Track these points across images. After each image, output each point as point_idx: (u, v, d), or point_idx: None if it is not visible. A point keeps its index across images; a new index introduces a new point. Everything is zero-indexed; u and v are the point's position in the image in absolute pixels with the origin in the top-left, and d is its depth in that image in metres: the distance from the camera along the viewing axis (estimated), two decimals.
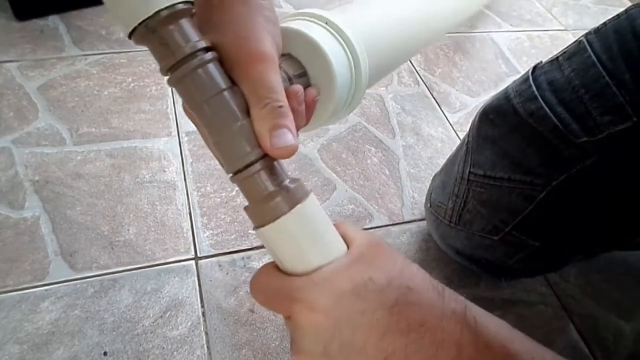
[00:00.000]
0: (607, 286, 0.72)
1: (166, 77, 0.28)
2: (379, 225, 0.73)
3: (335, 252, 0.28)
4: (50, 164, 0.72)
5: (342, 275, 0.27)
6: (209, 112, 0.27)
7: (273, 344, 0.60)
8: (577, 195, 0.50)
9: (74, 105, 0.80)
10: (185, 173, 0.75)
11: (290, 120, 0.28)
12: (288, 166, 0.78)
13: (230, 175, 0.29)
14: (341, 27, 0.36)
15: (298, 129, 0.31)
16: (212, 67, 0.27)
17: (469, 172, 0.59)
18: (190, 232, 0.68)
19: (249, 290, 0.64)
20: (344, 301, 0.27)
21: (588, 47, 0.49)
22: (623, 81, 0.46)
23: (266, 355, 0.59)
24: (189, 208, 0.71)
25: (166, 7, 0.25)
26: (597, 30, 0.50)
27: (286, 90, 0.30)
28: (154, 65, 0.88)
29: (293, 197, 0.28)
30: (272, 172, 0.29)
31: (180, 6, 0.26)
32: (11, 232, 0.64)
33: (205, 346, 0.58)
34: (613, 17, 0.49)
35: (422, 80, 0.99)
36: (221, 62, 0.28)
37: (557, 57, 0.52)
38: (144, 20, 0.25)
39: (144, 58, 0.89)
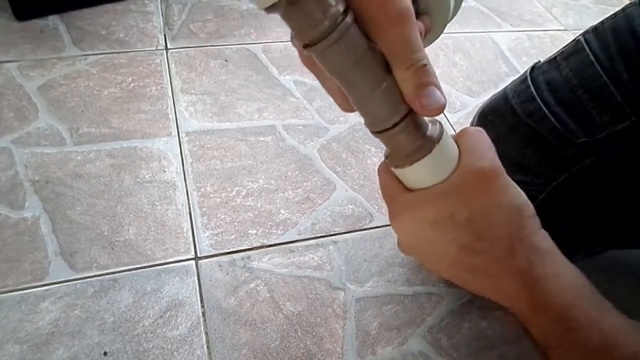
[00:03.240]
0: (607, 286, 0.71)
1: (302, 45, 0.27)
2: (379, 225, 0.73)
3: (441, 175, 0.30)
4: (50, 164, 0.72)
5: (431, 204, 0.30)
6: (353, 78, 0.27)
7: (273, 344, 0.60)
8: (577, 194, 0.50)
9: (74, 105, 0.80)
10: (185, 173, 0.74)
11: (434, 76, 0.28)
12: (288, 166, 0.78)
13: (374, 131, 0.30)
14: None
15: None
16: (354, 32, 0.26)
17: None
18: (190, 232, 0.68)
19: (249, 290, 0.64)
20: (424, 229, 0.31)
21: (586, 46, 0.49)
22: (621, 80, 0.45)
23: (266, 355, 0.59)
24: (189, 208, 0.71)
25: None
26: (594, 29, 0.50)
27: None
28: (154, 65, 0.88)
29: (434, 143, 0.30)
30: (417, 126, 0.30)
31: None
32: (11, 232, 0.64)
33: (205, 346, 0.58)
34: (611, 16, 0.49)
35: None
36: (357, 20, 0.27)
37: (555, 57, 0.52)
38: None
39: (144, 58, 0.89)
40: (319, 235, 0.71)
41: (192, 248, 0.67)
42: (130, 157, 0.75)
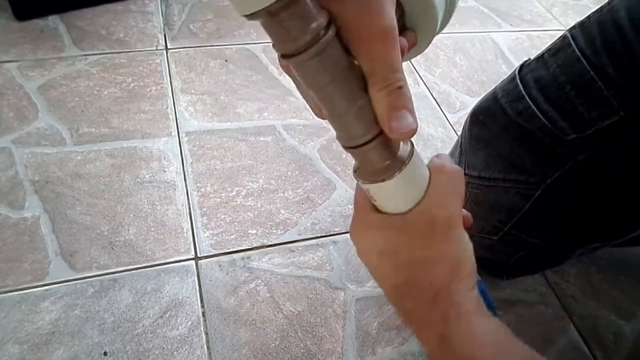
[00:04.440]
0: (607, 286, 0.72)
1: (280, 55, 0.26)
2: None
3: (401, 203, 0.31)
4: (50, 164, 0.72)
5: (383, 235, 0.32)
6: (329, 94, 0.27)
7: (273, 344, 0.60)
8: (572, 190, 0.50)
9: (74, 105, 0.80)
10: (185, 173, 0.75)
11: (409, 100, 0.27)
12: (288, 166, 0.78)
13: (345, 146, 0.30)
14: None
15: None
16: (334, 48, 0.26)
17: (464, 174, 0.59)
18: (190, 232, 0.68)
19: (249, 290, 0.64)
20: (371, 253, 0.33)
21: (572, 41, 0.48)
22: (607, 75, 0.45)
23: (266, 355, 0.59)
24: (189, 208, 0.71)
25: None
26: (581, 24, 0.49)
27: None
28: (154, 65, 0.88)
29: (402, 165, 0.30)
30: (388, 145, 0.29)
31: None
32: (11, 232, 0.64)
33: (205, 346, 0.58)
34: (596, 10, 0.48)
35: (422, 80, 0.99)
36: (339, 34, 0.26)
37: (543, 54, 0.52)
38: (268, 6, 0.23)
39: (144, 58, 0.89)
40: (319, 235, 0.71)
41: (192, 248, 0.67)
42: (130, 157, 0.75)
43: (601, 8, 0.48)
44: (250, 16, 0.24)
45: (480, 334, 0.30)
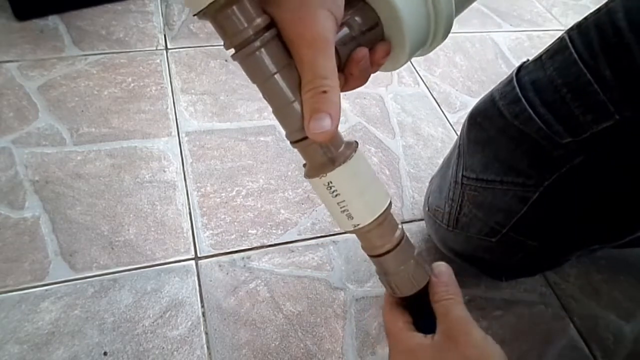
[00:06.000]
0: (607, 286, 0.72)
1: (229, 52, 0.30)
2: None
3: (356, 189, 0.32)
4: (50, 164, 0.72)
5: (424, 352, 0.34)
6: (269, 90, 0.30)
7: (273, 344, 0.60)
8: (570, 193, 0.50)
9: (74, 105, 0.80)
10: (185, 173, 0.75)
11: (332, 105, 0.29)
12: (288, 166, 0.78)
13: (290, 141, 0.32)
14: None
15: (356, 87, 0.34)
16: (272, 47, 0.29)
17: (462, 175, 0.59)
18: (190, 232, 0.68)
19: (249, 290, 0.64)
20: None
21: (570, 44, 0.48)
22: (604, 78, 0.45)
23: (266, 355, 0.59)
24: (189, 208, 0.71)
25: None
26: (579, 26, 0.49)
27: (350, 55, 0.33)
28: (154, 65, 0.88)
29: (341, 159, 0.32)
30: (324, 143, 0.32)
31: None
32: (11, 232, 0.64)
33: (205, 346, 0.58)
34: (595, 11, 0.48)
35: (422, 80, 0.99)
36: (280, 36, 0.30)
37: (541, 56, 0.51)
38: (211, 3, 0.27)
39: (144, 58, 0.89)
40: (319, 235, 0.71)
41: (192, 248, 0.67)
42: (130, 157, 0.75)
43: (599, 9, 0.47)
44: (202, 14, 0.27)
45: None
